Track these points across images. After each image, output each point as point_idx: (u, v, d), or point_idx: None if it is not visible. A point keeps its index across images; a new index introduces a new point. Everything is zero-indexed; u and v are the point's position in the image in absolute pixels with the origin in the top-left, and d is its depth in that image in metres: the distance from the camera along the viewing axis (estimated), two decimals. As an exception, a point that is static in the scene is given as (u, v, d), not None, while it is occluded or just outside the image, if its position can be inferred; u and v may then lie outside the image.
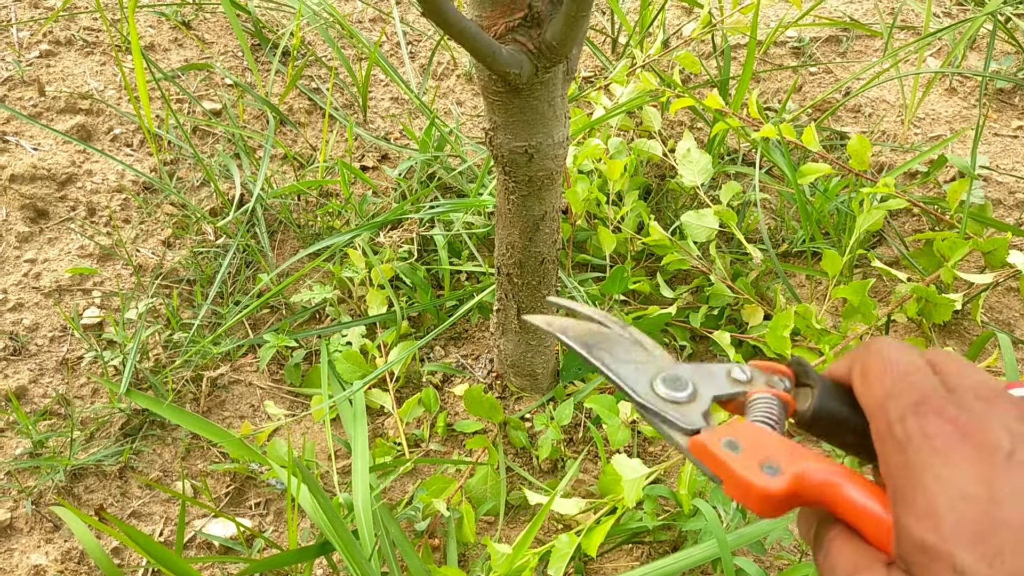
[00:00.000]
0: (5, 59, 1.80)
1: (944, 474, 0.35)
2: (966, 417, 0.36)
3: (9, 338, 1.36)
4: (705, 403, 0.45)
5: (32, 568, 1.13)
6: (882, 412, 0.39)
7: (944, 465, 0.35)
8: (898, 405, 0.38)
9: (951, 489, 0.34)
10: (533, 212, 1.23)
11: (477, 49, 0.98)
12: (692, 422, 0.44)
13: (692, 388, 0.45)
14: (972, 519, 0.33)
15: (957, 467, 0.35)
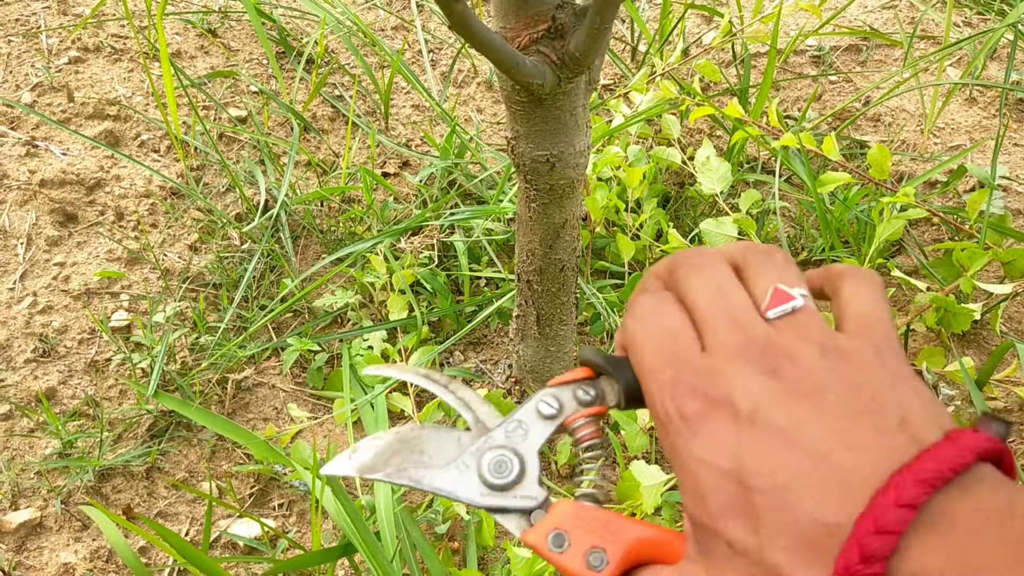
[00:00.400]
0: (35, 65, 1.83)
1: (702, 454, 0.35)
2: (713, 387, 0.36)
3: (39, 340, 1.39)
4: (534, 470, 0.43)
5: (61, 566, 1.15)
6: (647, 394, 0.38)
7: (701, 445, 0.35)
8: (657, 387, 0.38)
9: (712, 468, 0.34)
10: (554, 220, 1.24)
11: (501, 60, 1.00)
12: (528, 500, 0.42)
13: (517, 463, 0.43)
14: (732, 492, 0.34)
15: (712, 443, 0.35)
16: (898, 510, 0.31)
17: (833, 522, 0.32)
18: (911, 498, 0.31)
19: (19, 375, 1.35)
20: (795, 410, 0.34)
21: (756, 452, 0.34)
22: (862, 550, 0.30)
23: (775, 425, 0.34)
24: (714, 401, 0.35)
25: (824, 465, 0.33)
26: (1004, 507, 0.31)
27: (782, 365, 0.35)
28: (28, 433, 1.29)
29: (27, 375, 1.35)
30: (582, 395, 0.44)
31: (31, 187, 1.58)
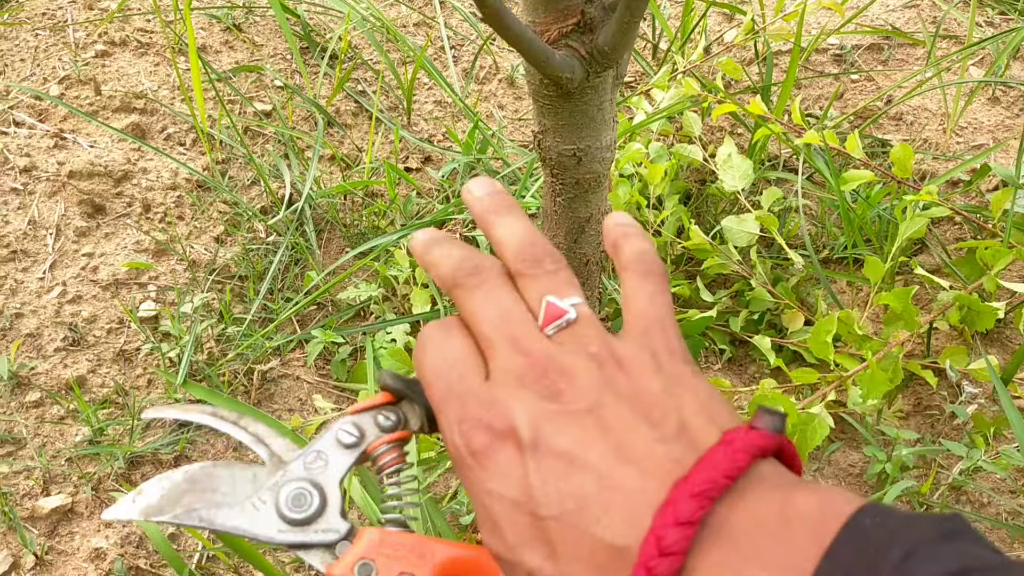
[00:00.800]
0: (62, 59, 1.85)
1: (493, 487, 0.35)
2: (496, 418, 0.35)
3: (68, 329, 1.40)
4: (336, 503, 0.41)
5: (92, 551, 1.17)
6: (439, 428, 0.38)
7: (490, 479, 0.35)
8: (446, 422, 0.37)
9: (503, 500, 0.35)
10: (579, 214, 1.25)
11: (532, 54, 1.00)
12: (330, 533, 0.41)
13: (317, 495, 0.41)
14: (525, 523, 0.34)
15: (500, 476, 0.35)
16: (678, 528, 0.31)
17: (622, 545, 0.32)
18: (689, 514, 0.31)
19: (49, 363, 1.36)
20: (576, 432, 0.34)
21: (543, 480, 0.33)
22: (648, 573, 0.30)
23: (558, 450, 0.34)
24: (499, 433, 0.35)
25: (608, 486, 0.33)
26: (777, 511, 0.31)
27: (560, 386, 0.35)
28: (59, 420, 1.30)
29: (57, 363, 1.36)
30: (383, 421, 0.43)
31: (60, 179, 1.60)
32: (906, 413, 1.42)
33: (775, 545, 0.30)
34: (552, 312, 0.39)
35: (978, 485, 1.30)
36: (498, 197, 0.43)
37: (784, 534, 0.30)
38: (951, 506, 1.28)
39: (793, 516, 0.31)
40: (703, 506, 0.31)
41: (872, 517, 0.30)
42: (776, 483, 0.33)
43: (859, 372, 1.34)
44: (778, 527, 0.31)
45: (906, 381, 1.44)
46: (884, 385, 1.29)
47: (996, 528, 1.26)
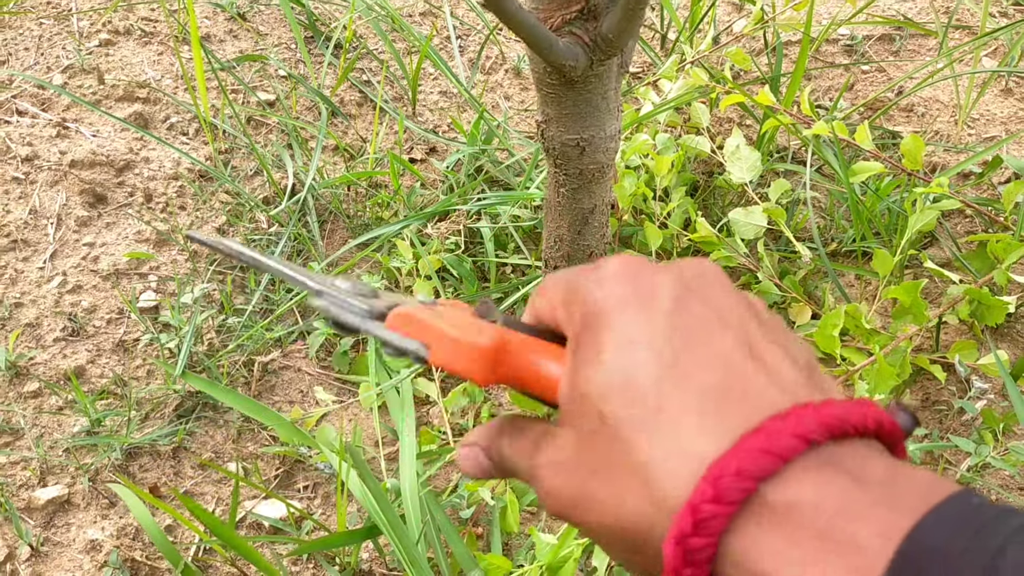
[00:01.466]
0: (66, 48, 1.84)
1: None
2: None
3: (68, 319, 1.40)
4: (388, 304, 0.41)
5: (88, 542, 1.16)
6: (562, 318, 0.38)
7: None
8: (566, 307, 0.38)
9: None
10: (583, 205, 1.23)
11: (534, 41, 0.99)
12: (379, 308, 0.40)
13: (373, 292, 0.42)
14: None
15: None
16: (793, 438, 0.31)
17: (705, 452, 0.32)
18: (807, 432, 0.31)
19: (48, 353, 1.36)
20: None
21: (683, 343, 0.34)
22: (695, 515, 0.30)
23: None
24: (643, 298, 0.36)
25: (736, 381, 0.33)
26: (887, 465, 0.31)
27: None
28: (57, 411, 1.30)
29: (56, 354, 1.36)
30: None
31: (61, 168, 1.59)
32: (914, 408, 1.40)
33: (885, 481, 0.30)
34: None
35: (986, 482, 1.28)
36: None
37: (895, 479, 0.30)
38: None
39: (903, 474, 0.31)
40: (820, 434, 0.31)
41: (979, 497, 0.30)
42: (888, 455, 0.33)
43: (866, 366, 1.32)
44: (888, 475, 0.31)
45: (914, 376, 1.42)
46: (891, 379, 1.27)
47: (1005, 526, 1.24)
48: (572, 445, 0.35)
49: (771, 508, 0.31)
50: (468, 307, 0.43)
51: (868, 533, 0.29)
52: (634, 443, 0.33)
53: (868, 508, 0.30)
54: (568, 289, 0.38)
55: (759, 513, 0.31)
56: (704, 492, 0.30)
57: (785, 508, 0.30)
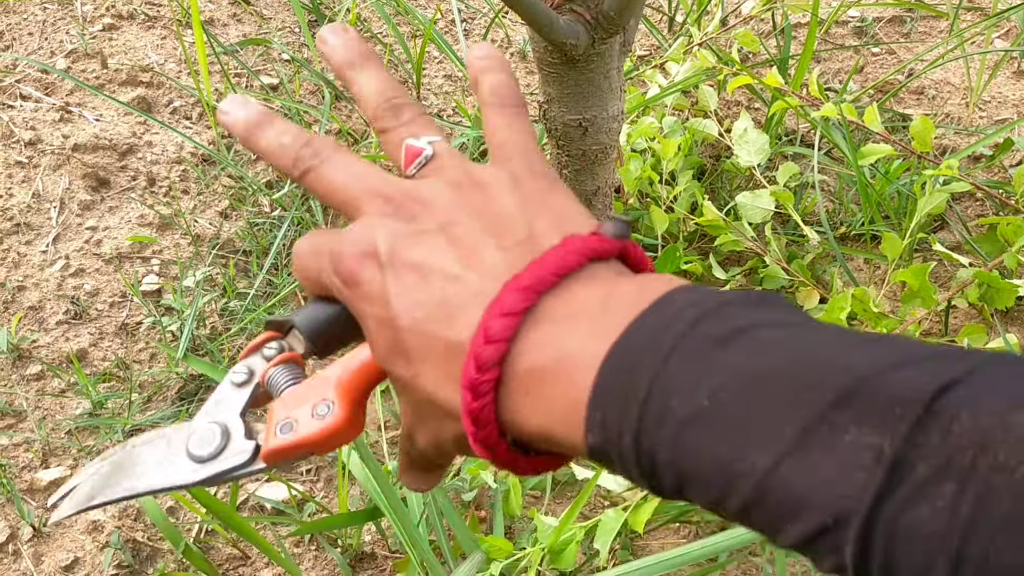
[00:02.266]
0: (70, 32, 1.84)
1: (365, 308, 0.38)
2: (362, 244, 0.39)
3: (71, 302, 1.39)
4: (241, 430, 0.43)
5: (90, 523, 1.16)
6: (329, 288, 0.41)
7: (361, 300, 0.38)
8: (327, 276, 0.40)
9: (372, 319, 0.38)
10: (586, 187, 1.22)
11: (534, 18, 0.97)
12: (247, 450, 0.42)
13: (221, 432, 0.43)
14: (389, 337, 0.37)
15: (368, 297, 0.38)
16: (503, 319, 0.34)
17: (458, 341, 0.35)
18: (512, 305, 0.34)
19: (51, 336, 1.35)
20: (427, 247, 0.37)
21: (398, 293, 0.37)
22: (476, 360, 0.34)
23: (410, 263, 0.37)
24: (362, 256, 0.38)
25: (452, 291, 0.36)
26: (600, 297, 0.34)
27: (417, 210, 0.38)
28: (59, 393, 1.30)
29: (59, 336, 1.36)
30: (268, 352, 0.44)
31: (64, 152, 1.59)
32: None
33: (591, 322, 0.33)
34: (411, 152, 0.41)
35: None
36: (353, 46, 0.46)
37: (601, 314, 0.33)
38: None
39: (613, 299, 0.33)
40: (528, 299, 0.34)
41: (686, 293, 0.32)
42: (606, 278, 0.35)
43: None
44: (598, 309, 0.33)
45: (923, 360, 1.40)
46: (899, 364, 1.25)
47: (1014, 511, 1.23)
48: (404, 404, 0.40)
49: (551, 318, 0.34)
50: (271, 340, 0.45)
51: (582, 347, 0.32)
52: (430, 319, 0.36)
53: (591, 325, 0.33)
54: (321, 270, 0.41)
55: (540, 321, 0.34)
56: (486, 325, 0.34)
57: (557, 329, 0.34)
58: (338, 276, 0.39)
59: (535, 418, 0.34)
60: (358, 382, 0.42)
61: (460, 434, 0.37)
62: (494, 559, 1.09)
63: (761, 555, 1.17)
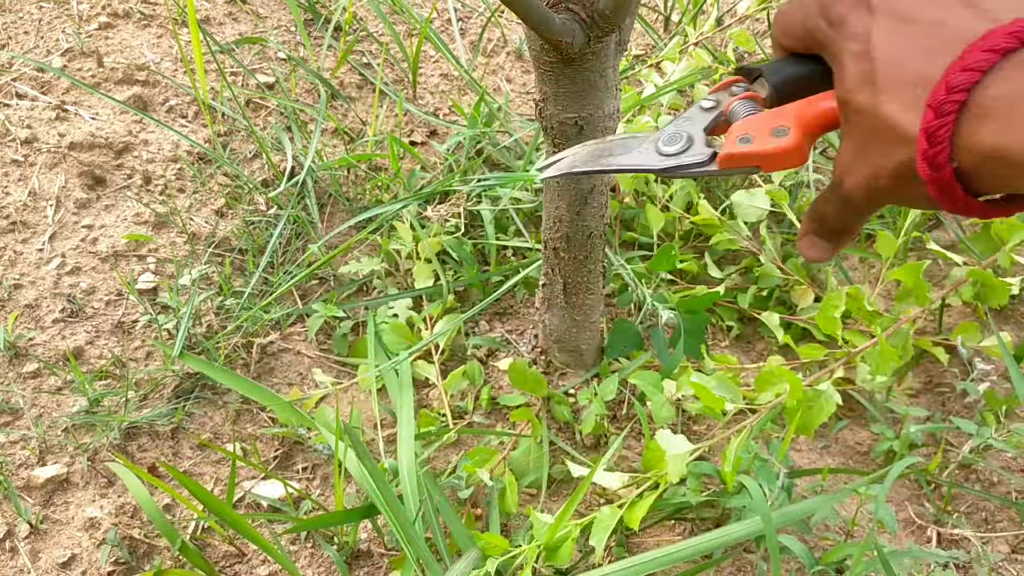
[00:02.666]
0: (66, 31, 1.83)
1: (844, 44, 0.46)
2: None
3: (67, 300, 1.39)
4: (703, 139, 0.53)
5: (87, 520, 1.16)
6: (809, 32, 0.49)
7: (843, 36, 0.46)
8: (812, 17, 0.48)
9: (849, 53, 0.45)
10: (582, 185, 1.22)
11: (530, 16, 0.98)
12: (706, 153, 0.52)
13: (686, 137, 0.53)
14: (861, 69, 0.45)
15: (850, 33, 0.46)
16: (983, 54, 0.39)
17: (931, 72, 0.41)
18: (996, 43, 0.39)
19: (47, 334, 1.36)
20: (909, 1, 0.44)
21: (882, 33, 0.43)
22: (947, 83, 0.39)
23: (896, 11, 0.43)
24: (853, 3, 0.45)
25: (932, 34, 0.42)
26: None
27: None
28: (56, 391, 1.30)
29: (55, 335, 1.36)
30: (736, 90, 0.54)
31: (60, 150, 1.59)
32: (916, 391, 1.39)
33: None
34: None
35: (988, 464, 1.27)
36: None
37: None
38: (960, 484, 1.26)
39: None
40: (1011, 42, 0.39)
41: None
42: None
43: (868, 348, 1.31)
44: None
45: (917, 358, 1.41)
46: (893, 361, 1.26)
47: (1005, 507, 1.23)
48: (849, 142, 0.46)
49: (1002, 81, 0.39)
50: (740, 82, 0.55)
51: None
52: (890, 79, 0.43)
53: None
54: (807, 19, 0.49)
55: (990, 80, 0.39)
56: (950, 72, 0.40)
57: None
58: (825, 19, 0.46)
59: (992, 138, 0.38)
60: (813, 119, 0.49)
61: (903, 164, 0.42)
62: (490, 556, 1.10)
63: (756, 552, 1.18)
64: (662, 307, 1.39)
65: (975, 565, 1.17)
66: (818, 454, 1.31)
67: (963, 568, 1.17)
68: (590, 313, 1.35)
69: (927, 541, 1.21)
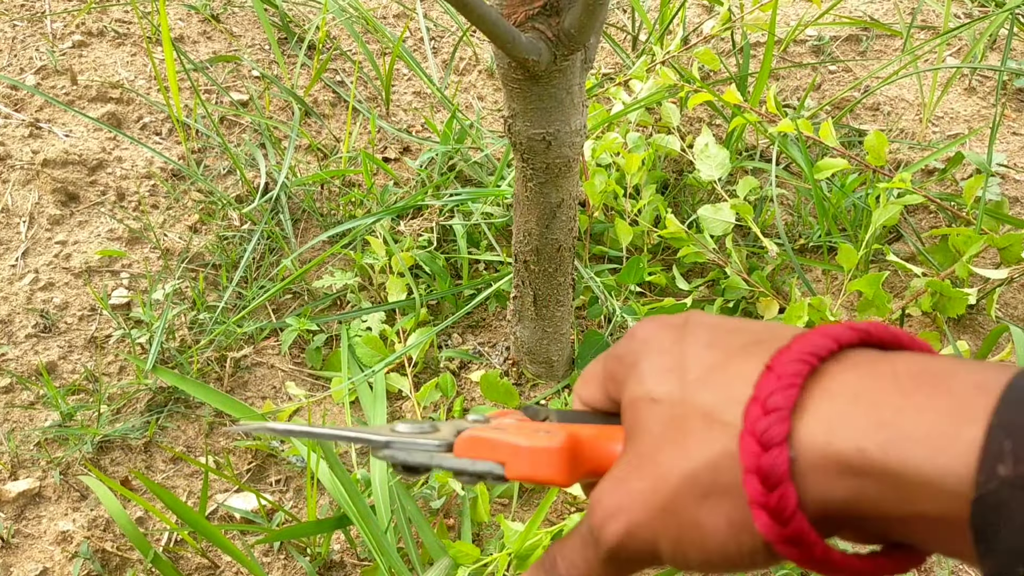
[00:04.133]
0: (40, 49, 1.84)
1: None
2: None
3: (40, 316, 1.40)
4: (451, 433, 0.42)
5: (59, 534, 1.16)
6: None
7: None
8: None
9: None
10: (550, 199, 1.25)
11: (496, 35, 1.01)
12: (446, 438, 0.41)
13: (430, 425, 0.42)
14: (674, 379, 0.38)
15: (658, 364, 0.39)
16: (784, 379, 0.32)
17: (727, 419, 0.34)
18: (795, 369, 0.32)
19: (20, 350, 1.36)
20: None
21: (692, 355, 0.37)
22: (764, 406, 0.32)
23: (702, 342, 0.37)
24: None
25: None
26: (884, 368, 0.32)
27: None
28: (28, 406, 1.30)
29: (28, 350, 1.36)
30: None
31: (34, 167, 1.60)
32: None
33: (942, 365, 0.30)
34: None
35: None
36: None
37: (938, 380, 0.30)
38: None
39: (939, 371, 0.30)
40: (808, 362, 0.32)
41: None
42: (874, 357, 0.33)
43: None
44: (936, 360, 0.31)
45: (879, 367, 1.44)
46: (854, 370, 1.29)
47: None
48: (632, 455, 0.37)
49: (832, 389, 0.31)
50: (518, 413, 0.45)
51: (961, 385, 0.29)
52: (689, 409, 0.35)
53: (949, 373, 0.30)
54: (607, 361, 0.41)
55: (821, 394, 0.31)
56: (764, 385, 0.32)
57: (852, 384, 0.31)
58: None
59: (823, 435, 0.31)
60: (588, 442, 0.40)
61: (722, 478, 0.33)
62: (461, 565, 1.11)
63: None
64: (631, 319, 1.42)
65: (936, 568, 1.20)
66: (783, 461, 1.34)
67: (925, 571, 1.20)
68: (560, 325, 1.37)
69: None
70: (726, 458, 0.33)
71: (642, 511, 0.35)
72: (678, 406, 0.35)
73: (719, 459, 0.33)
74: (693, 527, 0.33)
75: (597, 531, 0.36)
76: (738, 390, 0.33)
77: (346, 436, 0.43)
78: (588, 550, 0.37)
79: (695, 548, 0.33)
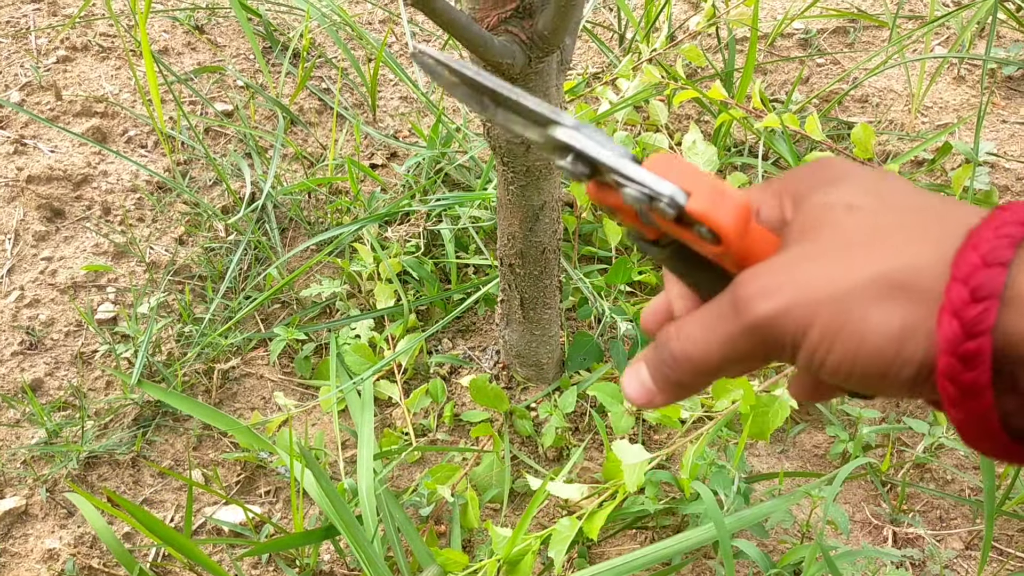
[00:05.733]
0: (24, 65, 1.84)
1: None
2: None
3: (26, 333, 1.40)
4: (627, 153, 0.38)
5: (46, 552, 1.16)
6: None
7: None
8: None
9: None
10: (532, 202, 1.24)
11: (468, 39, 1.00)
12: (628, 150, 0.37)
13: None
14: None
15: None
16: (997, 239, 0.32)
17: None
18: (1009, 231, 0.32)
19: (6, 367, 1.36)
20: None
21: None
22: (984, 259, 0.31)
23: None
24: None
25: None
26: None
27: None
28: (14, 424, 1.30)
29: (14, 367, 1.36)
30: None
31: (19, 184, 1.59)
32: None
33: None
34: None
35: (942, 463, 1.29)
36: None
37: None
38: (915, 483, 1.28)
39: None
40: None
41: None
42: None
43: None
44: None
45: (871, 361, 1.43)
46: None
47: (960, 504, 1.25)
48: (809, 247, 0.36)
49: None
50: None
51: None
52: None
53: None
54: (789, 178, 0.40)
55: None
56: (988, 222, 0.32)
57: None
58: None
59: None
60: None
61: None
62: (450, 572, 1.10)
63: (714, 557, 1.19)
64: (620, 319, 1.41)
65: (929, 563, 1.19)
66: (776, 458, 1.33)
67: (918, 566, 1.19)
68: (548, 327, 1.36)
69: (883, 540, 1.23)
70: (931, 266, 0.33)
71: (808, 293, 0.34)
72: (880, 215, 0.35)
73: (922, 265, 0.33)
74: (860, 320, 0.33)
75: (744, 303, 0.35)
76: (949, 224, 0.34)
77: (518, 100, 0.37)
78: (722, 323, 0.36)
79: (850, 344, 0.33)
